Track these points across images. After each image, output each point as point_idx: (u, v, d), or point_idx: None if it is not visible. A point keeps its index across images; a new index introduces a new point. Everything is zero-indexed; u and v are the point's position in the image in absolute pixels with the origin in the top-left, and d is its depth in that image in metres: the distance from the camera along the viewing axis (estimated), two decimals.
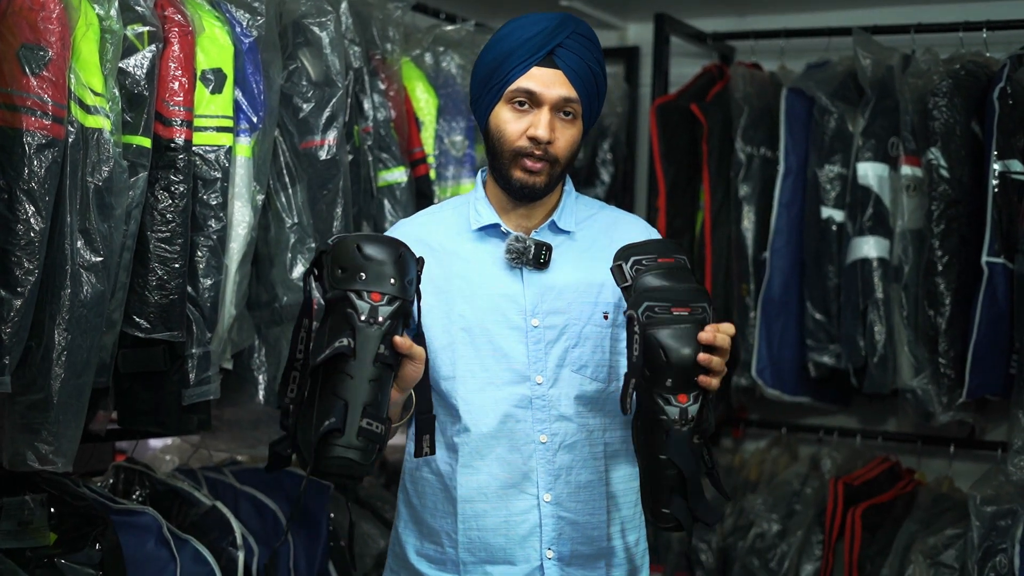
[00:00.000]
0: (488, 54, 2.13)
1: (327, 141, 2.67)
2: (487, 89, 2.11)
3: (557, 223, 2.18)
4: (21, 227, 2.06)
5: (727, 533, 3.60)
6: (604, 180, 4.06)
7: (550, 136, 2.07)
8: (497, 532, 2.11)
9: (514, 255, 2.12)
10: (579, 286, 2.15)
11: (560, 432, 2.12)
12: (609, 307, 2.16)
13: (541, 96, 2.07)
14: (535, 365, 2.11)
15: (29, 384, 2.13)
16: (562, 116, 2.09)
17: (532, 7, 3.98)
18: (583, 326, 2.14)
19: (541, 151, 2.08)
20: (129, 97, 2.27)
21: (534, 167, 2.09)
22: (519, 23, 2.12)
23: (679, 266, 1.96)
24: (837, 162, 3.48)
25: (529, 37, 2.08)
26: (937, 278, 3.23)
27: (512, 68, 2.07)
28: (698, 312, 1.89)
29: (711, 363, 1.86)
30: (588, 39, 2.12)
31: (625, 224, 2.27)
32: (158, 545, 2.44)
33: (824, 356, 3.51)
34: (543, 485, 2.11)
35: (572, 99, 2.08)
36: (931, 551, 3.17)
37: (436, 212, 2.29)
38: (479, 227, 2.17)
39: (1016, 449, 3.00)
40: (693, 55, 4.04)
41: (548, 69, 2.07)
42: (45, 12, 2.09)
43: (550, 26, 2.09)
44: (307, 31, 2.68)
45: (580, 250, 2.19)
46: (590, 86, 2.11)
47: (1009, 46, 3.30)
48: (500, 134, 2.10)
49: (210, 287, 2.42)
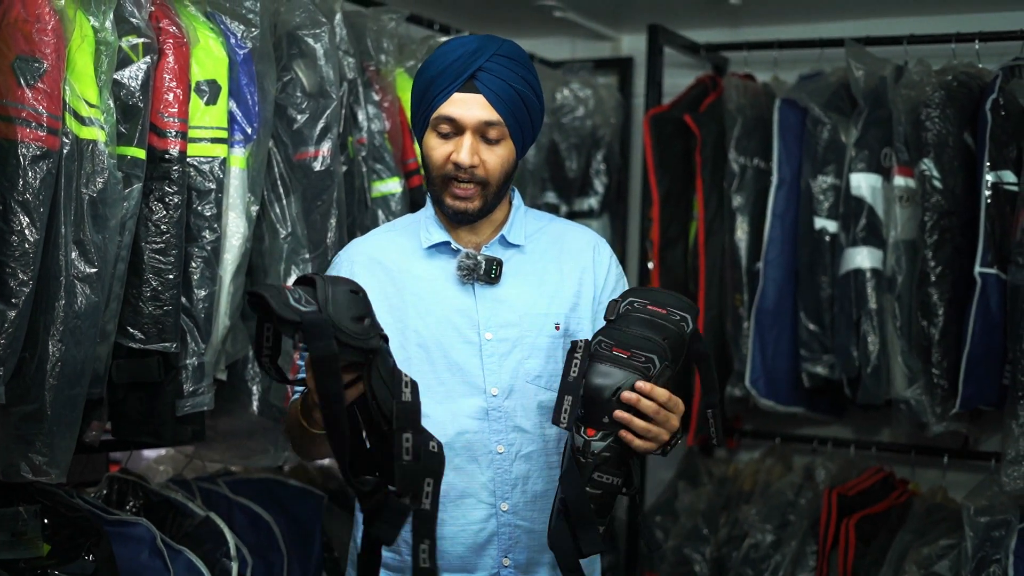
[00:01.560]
0: (417, 82, 2.15)
1: (321, 152, 2.67)
2: (418, 116, 2.16)
3: (507, 237, 2.22)
4: (15, 238, 2.06)
5: (721, 543, 3.60)
6: (598, 190, 4.07)
7: (471, 161, 2.10)
8: (455, 540, 2.14)
9: (465, 271, 2.16)
10: (530, 298, 2.18)
11: (516, 442, 2.15)
12: (560, 318, 2.19)
13: (461, 121, 2.09)
14: (490, 377, 2.14)
15: (23, 395, 2.13)
16: (485, 140, 2.11)
17: (526, 20, 4.01)
18: (535, 337, 2.17)
19: (467, 175, 2.11)
20: (124, 108, 2.27)
21: (463, 192, 2.12)
22: (444, 49, 2.13)
23: (665, 319, 1.99)
24: (830, 173, 3.49)
25: (450, 63, 2.09)
26: (930, 288, 3.24)
27: (436, 95, 2.10)
28: (638, 360, 1.93)
29: (630, 422, 1.91)
30: (512, 59, 2.12)
31: (573, 234, 2.29)
32: (152, 556, 2.44)
33: (818, 366, 3.52)
34: (500, 494, 2.14)
35: (493, 122, 2.10)
36: (925, 561, 3.17)
37: (389, 231, 2.31)
38: (429, 245, 2.20)
39: (1009, 460, 3.00)
40: (686, 66, 4.05)
41: (468, 94, 2.09)
42: (40, 24, 2.10)
43: (469, 50, 2.10)
44: (301, 42, 2.68)
45: (530, 263, 2.22)
46: (516, 106, 2.11)
47: (1001, 57, 3.31)
48: (428, 160, 2.15)
49: (204, 298, 2.42)
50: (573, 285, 2.22)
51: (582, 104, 4.05)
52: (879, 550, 3.32)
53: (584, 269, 2.24)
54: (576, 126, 4.04)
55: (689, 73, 4.00)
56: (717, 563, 3.59)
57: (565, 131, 4.04)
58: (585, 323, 2.21)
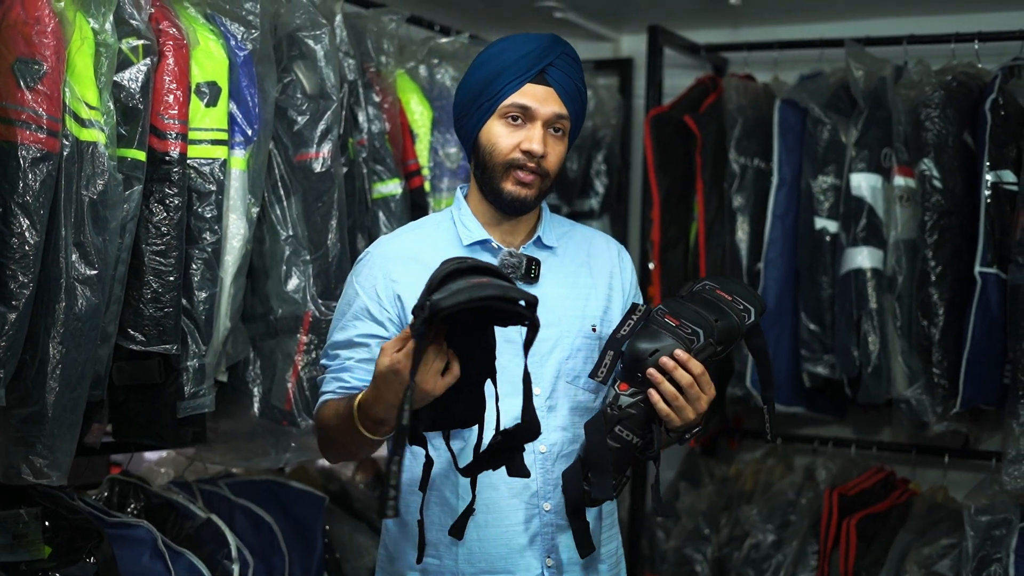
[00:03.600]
0: (479, 71, 2.17)
1: (322, 154, 2.67)
2: (477, 105, 2.16)
3: (542, 239, 2.23)
4: (16, 240, 2.07)
5: (722, 544, 3.60)
6: (598, 191, 4.07)
7: (544, 150, 2.12)
8: (498, 542, 2.12)
9: (508, 270, 2.15)
10: (566, 300, 2.20)
11: (558, 442, 2.15)
12: (596, 320, 2.21)
13: (535, 112, 2.12)
14: (533, 377, 2.12)
15: (24, 397, 2.13)
16: (552, 132, 2.15)
17: (527, 20, 4.01)
18: (574, 338, 2.18)
19: (534, 164, 2.13)
20: (124, 110, 2.27)
21: (527, 179, 2.13)
22: (510, 43, 2.17)
23: (728, 304, 2.08)
24: (830, 173, 3.49)
25: (522, 55, 2.13)
26: (930, 288, 3.24)
27: (505, 84, 2.12)
28: (685, 330, 2.02)
29: (660, 383, 1.99)
30: (574, 60, 2.19)
31: (598, 240, 2.34)
32: (153, 558, 2.44)
33: (818, 366, 3.52)
34: (543, 495, 2.13)
35: (563, 115, 2.15)
36: (926, 561, 3.17)
37: (417, 229, 2.29)
38: (471, 242, 2.20)
39: (1010, 459, 3.00)
40: (686, 66, 4.05)
41: (541, 86, 2.13)
42: (40, 26, 2.10)
43: (542, 45, 2.15)
44: (302, 44, 2.68)
45: (563, 265, 2.24)
46: (577, 104, 2.18)
47: (1000, 57, 3.32)
48: (493, 147, 2.14)
49: (205, 300, 2.42)
50: (603, 289, 2.25)
51: None
52: (880, 550, 3.32)
53: (612, 275, 2.28)
54: None
55: (689, 74, 4.00)
56: (718, 563, 3.59)
57: None
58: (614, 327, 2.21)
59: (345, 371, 2.12)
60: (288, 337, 2.64)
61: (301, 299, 2.64)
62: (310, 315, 2.64)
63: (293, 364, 2.64)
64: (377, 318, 2.14)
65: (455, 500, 2.13)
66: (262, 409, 2.64)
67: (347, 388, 2.11)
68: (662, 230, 3.67)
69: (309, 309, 2.64)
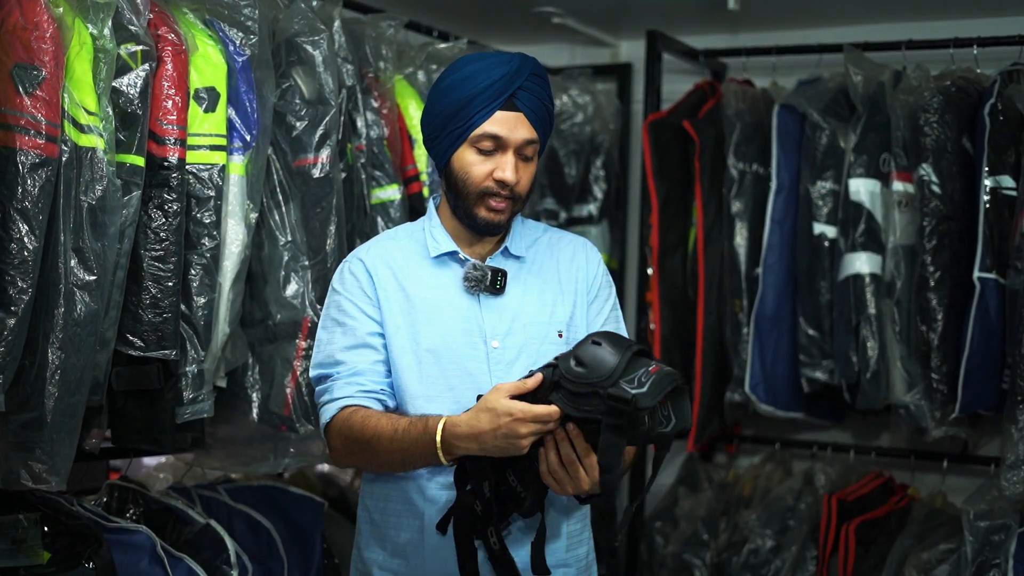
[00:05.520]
0: (448, 96, 2.17)
1: (320, 159, 2.67)
2: (447, 132, 2.17)
3: (510, 249, 2.26)
4: (14, 246, 2.07)
5: (721, 549, 3.59)
6: (597, 196, 4.07)
7: (516, 177, 2.16)
8: None
9: (472, 282, 2.19)
10: (533, 308, 2.23)
11: None
12: (562, 326, 2.24)
13: (507, 140, 2.15)
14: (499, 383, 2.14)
15: (23, 403, 2.13)
16: (523, 158, 2.18)
17: (525, 26, 4.01)
18: (540, 345, 2.21)
19: (507, 192, 2.16)
20: (122, 116, 2.27)
21: (499, 206, 2.18)
22: (478, 66, 2.16)
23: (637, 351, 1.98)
24: (829, 178, 3.49)
25: (492, 82, 2.13)
26: (929, 293, 3.24)
27: (475, 113, 2.14)
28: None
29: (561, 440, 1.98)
30: (541, 77, 2.20)
31: (565, 243, 2.35)
32: (152, 563, 2.44)
33: (817, 372, 3.52)
34: None
35: (533, 140, 2.18)
36: (925, 566, 3.17)
37: (391, 239, 2.32)
38: (438, 254, 2.23)
39: (1009, 464, 3.00)
40: (685, 72, 4.05)
41: (510, 112, 2.15)
42: (39, 32, 2.10)
43: (511, 70, 2.15)
44: (300, 49, 2.68)
45: (531, 273, 2.27)
46: (546, 124, 2.21)
47: (999, 62, 3.32)
48: (466, 175, 2.17)
49: (204, 305, 2.43)
50: (570, 294, 2.27)
51: (581, 110, 4.05)
52: (879, 555, 3.32)
53: (578, 278, 2.30)
54: (575, 132, 4.05)
55: (688, 79, 4.00)
56: (717, 568, 3.59)
57: (564, 137, 4.05)
58: (581, 330, 2.25)
59: (358, 375, 2.16)
60: (287, 342, 2.64)
61: (300, 304, 2.64)
62: (309, 320, 2.64)
63: (292, 369, 2.64)
64: (374, 317, 2.19)
65: (422, 502, 2.16)
66: (261, 414, 2.64)
67: (367, 392, 2.15)
68: (661, 236, 3.67)
69: (308, 314, 2.64)
